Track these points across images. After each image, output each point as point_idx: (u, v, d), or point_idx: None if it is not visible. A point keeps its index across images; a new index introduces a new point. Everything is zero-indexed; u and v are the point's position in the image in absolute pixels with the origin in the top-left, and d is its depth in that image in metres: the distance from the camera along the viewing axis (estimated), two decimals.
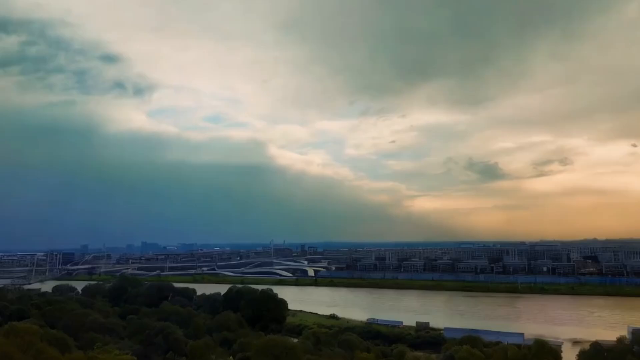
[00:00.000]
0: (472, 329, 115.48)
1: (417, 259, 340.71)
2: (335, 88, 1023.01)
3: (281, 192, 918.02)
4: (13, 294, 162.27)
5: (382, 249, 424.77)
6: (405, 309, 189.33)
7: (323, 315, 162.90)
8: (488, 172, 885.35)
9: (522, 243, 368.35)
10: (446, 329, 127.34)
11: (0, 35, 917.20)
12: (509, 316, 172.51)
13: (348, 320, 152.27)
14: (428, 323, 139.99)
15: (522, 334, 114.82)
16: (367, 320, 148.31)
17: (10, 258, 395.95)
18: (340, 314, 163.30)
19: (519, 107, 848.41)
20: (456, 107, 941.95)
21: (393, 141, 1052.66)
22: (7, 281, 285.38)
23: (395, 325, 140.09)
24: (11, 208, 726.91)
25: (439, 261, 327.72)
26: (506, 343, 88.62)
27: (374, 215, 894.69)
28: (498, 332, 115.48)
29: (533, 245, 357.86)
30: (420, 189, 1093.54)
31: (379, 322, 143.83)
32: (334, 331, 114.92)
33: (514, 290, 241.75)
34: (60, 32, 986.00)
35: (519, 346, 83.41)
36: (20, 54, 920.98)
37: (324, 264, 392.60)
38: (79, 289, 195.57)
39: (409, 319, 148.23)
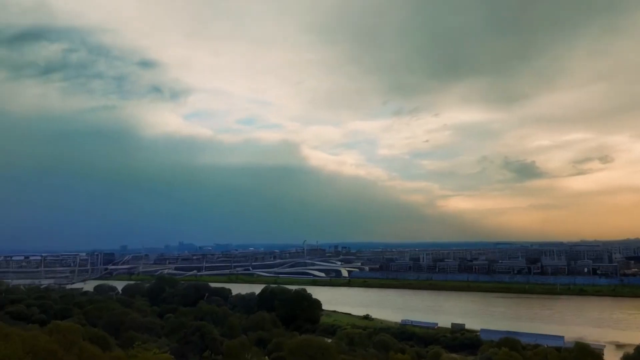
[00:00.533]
0: (510, 331, 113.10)
1: (451, 260, 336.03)
2: (368, 88, 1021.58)
3: (314, 193, 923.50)
4: (57, 294, 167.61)
5: (416, 249, 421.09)
6: (440, 310, 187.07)
7: (357, 316, 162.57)
8: (524, 171, 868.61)
9: (561, 243, 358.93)
10: (483, 330, 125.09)
11: (44, 43, 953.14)
12: (547, 318, 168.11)
13: (382, 321, 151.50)
14: (464, 325, 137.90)
15: (562, 337, 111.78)
16: (402, 321, 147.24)
17: (53, 258, 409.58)
18: (374, 315, 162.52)
19: (556, 105, 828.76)
20: (491, 105, 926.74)
21: (426, 141, 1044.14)
22: (51, 281, 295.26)
23: (430, 327, 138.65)
24: (55, 210, 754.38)
25: (475, 262, 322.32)
26: (545, 346, 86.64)
27: (407, 216, 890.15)
28: (537, 335, 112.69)
29: (573, 245, 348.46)
30: (454, 189, 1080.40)
31: (413, 324, 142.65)
32: (368, 332, 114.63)
33: (552, 291, 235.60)
34: (100, 39, 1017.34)
35: (559, 349, 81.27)
36: (62, 61, 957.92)
37: (358, 264, 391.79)
38: (119, 288, 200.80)
39: (444, 321, 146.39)
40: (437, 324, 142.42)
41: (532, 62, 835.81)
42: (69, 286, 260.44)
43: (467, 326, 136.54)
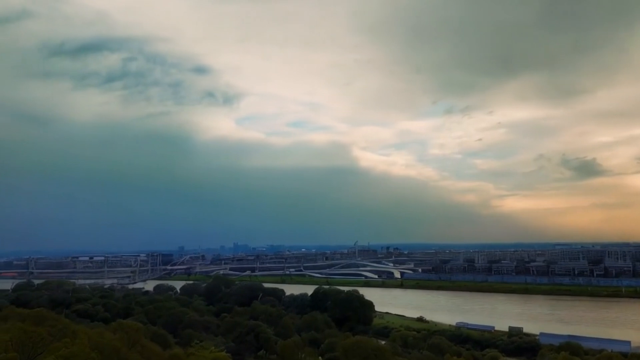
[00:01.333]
0: (571, 335, 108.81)
1: (508, 261, 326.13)
2: (418, 88, 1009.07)
3: (365, 194, 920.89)
4: (119, 293, 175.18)
5: (471, 250, 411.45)
6: (497, 313, 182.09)
7: (410, 318, 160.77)
8: (584, 168, 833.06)
9: (626, 244, 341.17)
10: (542, 334, 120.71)
11: (106, 53, 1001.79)
12: (612, 322, 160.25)
13: (436, 324, 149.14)
14: (522, 328, 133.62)
15: (629, 342, 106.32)
16: (457, 323, 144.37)
17: (116, 259, 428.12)
18: (428, 317, 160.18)
19: (618, 99, 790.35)
20: (547, 102, 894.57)
21: (479, 139, 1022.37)
22: (114, 281, 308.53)
23: (486, 330, 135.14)
24: (117, 212, 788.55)
25: (532, 263, 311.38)
26: (610, 351, 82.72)
27: (460, 216, 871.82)
28: (600, 339, 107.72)
29: (639, 246, 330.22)
30: (509, 188, 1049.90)
31: (469, 326, 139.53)
32: (422, 334, 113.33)
33: (617, 294, 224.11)
34: (156, 47, 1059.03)
35: (625, 355, 77.54)
36: (122, 70, 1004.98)
37: (410, 265, 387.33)
38: (178, 288, 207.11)
39: (501, 324, 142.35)
40: (493, 327, 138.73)
41: (591, 55, 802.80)
42: (130, 286, 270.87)
43: (525, 330, 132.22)
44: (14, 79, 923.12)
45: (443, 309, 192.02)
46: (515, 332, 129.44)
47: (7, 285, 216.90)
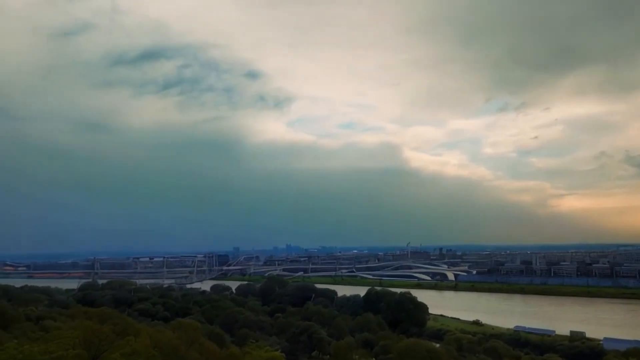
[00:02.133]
0: (638, 340, 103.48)
1: (568, 263, 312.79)
2: (470, 85, 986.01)
3: (416, 195, 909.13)
4: (177, 293, 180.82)
5: (528, 252, 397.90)
6: (557, 316, 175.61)
7: (465, 321, 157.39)
8: None
9: None
10: (606, 339, 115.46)
11: (162, 61, 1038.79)
12: None
13: (493, 327, 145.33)
14: (584, 333, 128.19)
15: None
16: (515, 327, 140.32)
17: (174, 259, 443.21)
18: (484, 320, 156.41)
19: None
20: (608, 97, 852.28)
21: (535, 137, 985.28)
22: (172, 281, 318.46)
23: (546, 334, 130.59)
24: (174, 214, 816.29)
25: (595, 265, 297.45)
26: None
27: (516, 217, 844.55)
28: None
29: None
30: (568, 187, 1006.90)
31: (527, 330, 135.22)
32: (478, 338, 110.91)
33: None
34: (210, 54, 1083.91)
35: None
36: (178, 77, 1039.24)
37: (464, 267, 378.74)
38: (233, 288, 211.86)
39: (561, 328, 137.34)
40: (554, 331, 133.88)
41: None
42: (188, 285, 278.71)
43: (588, 334, 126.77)
44: (78, 89, 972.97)
45: (500, 312, 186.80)
46: (577, 337, 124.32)
47: (73, 284, 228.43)
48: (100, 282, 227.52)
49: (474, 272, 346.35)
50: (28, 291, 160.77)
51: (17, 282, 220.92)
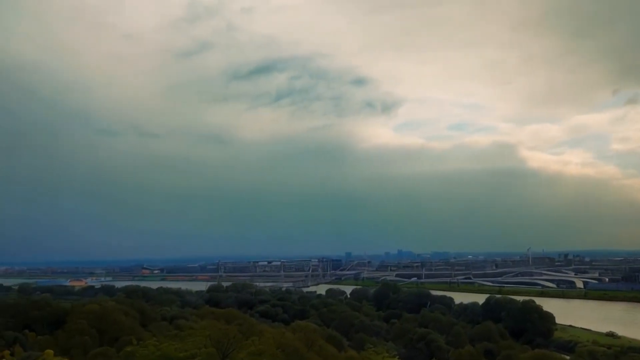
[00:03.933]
0: None
1: None
2: (592, 78, 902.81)
3: (535, 197, 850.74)
4: (294, 296, 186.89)
5: None
6: None
7: (598, 333, 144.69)
8: None
9: None
10: None
11: (275, 73, 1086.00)
12: None
13: (630, 340, 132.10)
14: None
15: None
16: None
17: (290, 264, 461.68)
18: (619, 332, 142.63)
19: None
20: None
21: None
22: (290, 284, 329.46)
23: None
24: (291, 220, 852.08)
25: None
26: None
27: None
28: None
29: None
30: None
31: None
32: (614, 351, 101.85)
33: None
34: (318, 63, 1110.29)
35: None
36: (289, 88, 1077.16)
37: (594, 274, 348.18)
38: (347, 292, 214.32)
39: None
40: None
41: None
42: (305, 289, 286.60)
43: None
44: (199, 104, 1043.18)
45: (638, 323, 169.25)
46: None
47: (202, 287, 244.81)
48: (225, 284, 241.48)
49: (607, 279, 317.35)
50: (162, 292, 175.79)
51: (153, 284, 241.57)
